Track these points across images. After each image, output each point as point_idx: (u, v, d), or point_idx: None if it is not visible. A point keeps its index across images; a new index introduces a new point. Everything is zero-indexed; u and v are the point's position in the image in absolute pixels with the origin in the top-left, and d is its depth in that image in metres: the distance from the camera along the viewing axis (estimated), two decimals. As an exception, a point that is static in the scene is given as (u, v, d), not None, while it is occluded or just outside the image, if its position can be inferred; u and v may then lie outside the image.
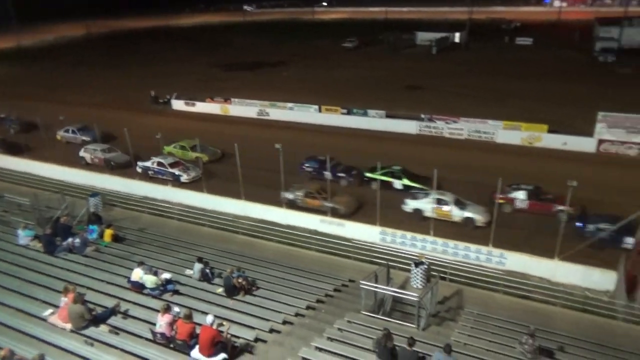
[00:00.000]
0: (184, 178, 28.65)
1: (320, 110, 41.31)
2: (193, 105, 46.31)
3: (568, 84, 48.22)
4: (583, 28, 75.08)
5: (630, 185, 24.78)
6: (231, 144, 24.51)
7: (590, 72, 54.20)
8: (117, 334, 11.95)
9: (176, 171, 28.89)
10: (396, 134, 36.37)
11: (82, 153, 32.59)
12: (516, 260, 19.30)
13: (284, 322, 13.50)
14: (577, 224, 21.51)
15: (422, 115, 37.46)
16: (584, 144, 32.04)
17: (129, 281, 14.68)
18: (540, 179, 24.97)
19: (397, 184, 26.32)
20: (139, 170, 29.49)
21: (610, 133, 31.38)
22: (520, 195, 24.10)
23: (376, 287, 14.72)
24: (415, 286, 17.40)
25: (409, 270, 18.01)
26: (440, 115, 37.21)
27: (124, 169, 30.53)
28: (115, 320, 12.56)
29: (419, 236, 20.99)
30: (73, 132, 36.99)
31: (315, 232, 22.27)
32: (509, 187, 24.25)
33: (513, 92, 46.09)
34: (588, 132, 32.14)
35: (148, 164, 29.62)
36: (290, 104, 42.57)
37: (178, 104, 47.05)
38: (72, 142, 36.39)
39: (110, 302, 13.27)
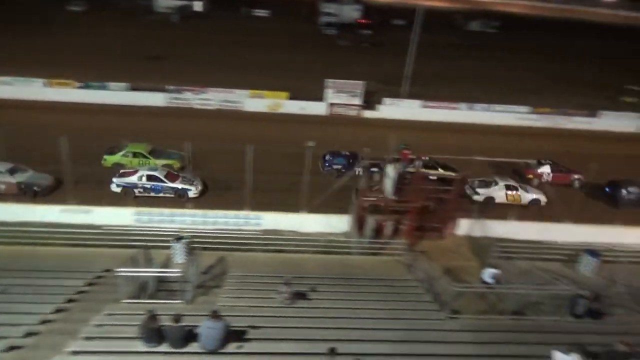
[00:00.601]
0: (193, 192, 22.87)
1: (48, 85, 35.69)
2: None
3: (301, 54, 53.43)
4: (312, 3, 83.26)
5: (355, 139, 29.25)
6: None
7: (318, 44, 61.11)
8: None
9: (178, 185, 22.70)
10: (142, 108, 34.34)
11: None
12: (270, 219, 20.93)
13: (27, 335, 11.64)
14: (606, 189, 26.38)
15: (169, 87, 36.26)
16: (318, 108, 36.32)
17: None
18: (285, 143, 27.23)
19: (433, 174, 25.83)
20: (117, 189, 22.40)
21: (337, 97, 36.32)
22: (547, 170, 27.02)
23: (134, 272, 13.96)
24: (178, 262, 17.19)
25: (170, 248, 17.63)
26: (188, 86, 36.63)
27: (49, 194, 22.18)
28: None
29: (178, 211, 20.68)
30: None
31: (57, 225, 19.55)
32: (526, 163, 27.49)
33: (255, 61, 48.60)
34: (320, 98, 36.47)
35: (132, 179, 22.36)
36: (6, 78, 35.43)
37: None
38: None
39: None
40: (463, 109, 38.13)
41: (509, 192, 24.70)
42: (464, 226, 21.83)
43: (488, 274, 16.53)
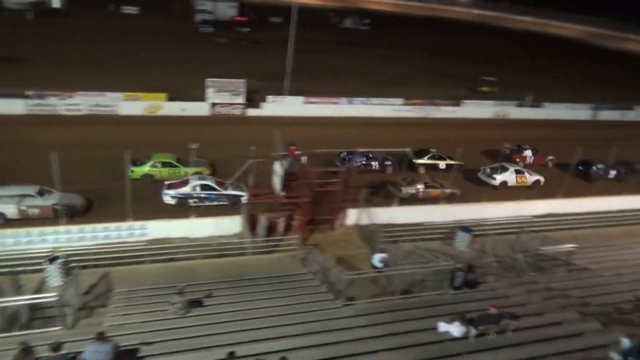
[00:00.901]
0: (245, 197, 22.33)
1: None
2: None
3: (176, 53, 51.14)
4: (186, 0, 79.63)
5: (240, 139, 28.90)
6: None
7: (194, 42, 59.05)
8: None
9: (231, 191, 22.68)
10: (-2, 117, 30.39)
11: None
12: (157, 228, 19.81)
13: None
14: (579, 167, 30.45)
15: (30, 92, 32.53)
16: (199, 109, 35.18)
17: None
18: (167, 145, 26.07)
19: (442, 164, 29.31)
20: (171, 201, 22.20)
21: (219, 97, 35.51)
22: (529, 153, 31.58)
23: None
24: (54, 285, 15.60)
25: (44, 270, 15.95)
26: (52, 90, 33.17)
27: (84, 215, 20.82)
28: None
29: (49, 229, 18.67)
30: None
31: None
32: (508, 148, 31.83)
33: (128, 62, 45.52)
34: (201, 98, 35.38)
35: (186, 189, 22.11)
36: None
37: None
38: None
39: None
40: (343, 103, 39.62)
41: (518, 176, 28.30)
42: (353, 216, 22.76)
43: (377, 258, 17.47)
